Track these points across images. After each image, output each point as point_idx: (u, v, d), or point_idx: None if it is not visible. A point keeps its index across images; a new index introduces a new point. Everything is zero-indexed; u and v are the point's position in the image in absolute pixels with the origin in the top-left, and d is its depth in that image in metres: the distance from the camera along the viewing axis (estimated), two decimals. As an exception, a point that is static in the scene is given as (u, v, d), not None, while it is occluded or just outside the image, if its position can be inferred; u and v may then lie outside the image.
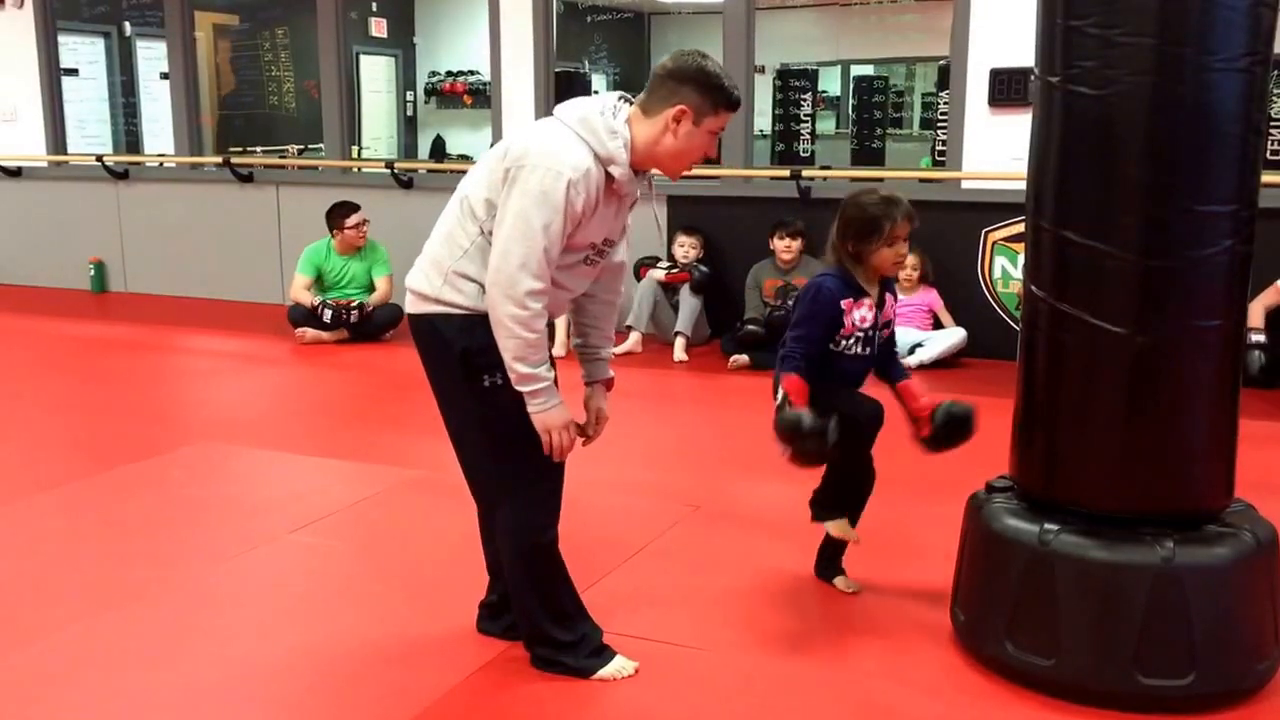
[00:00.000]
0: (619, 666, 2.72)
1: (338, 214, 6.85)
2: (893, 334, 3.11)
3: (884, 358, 3.07)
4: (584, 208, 2.43)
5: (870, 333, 2.98)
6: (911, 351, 6.00)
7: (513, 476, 2.61)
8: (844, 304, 2.93)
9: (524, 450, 2.55)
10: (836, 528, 3.14)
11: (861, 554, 3.32)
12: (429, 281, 2.56)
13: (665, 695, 2.65)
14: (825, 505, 3.14)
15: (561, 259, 2.48)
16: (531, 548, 2.64)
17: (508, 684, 2.66)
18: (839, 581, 3.21)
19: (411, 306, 2.61)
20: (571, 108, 2.53)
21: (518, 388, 2.48)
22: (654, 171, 2.62)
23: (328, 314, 6.68)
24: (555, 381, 2.54)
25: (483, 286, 2.47)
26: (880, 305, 3.00)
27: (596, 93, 2.52)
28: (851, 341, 2.96)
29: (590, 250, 2.56)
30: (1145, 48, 2.40)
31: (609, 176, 2.47)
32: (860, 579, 3.23)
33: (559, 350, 5.18)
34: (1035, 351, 2.69)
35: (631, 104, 2.54)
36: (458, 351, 2.52)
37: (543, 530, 2.63)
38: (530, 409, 2.50)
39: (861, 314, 2.95)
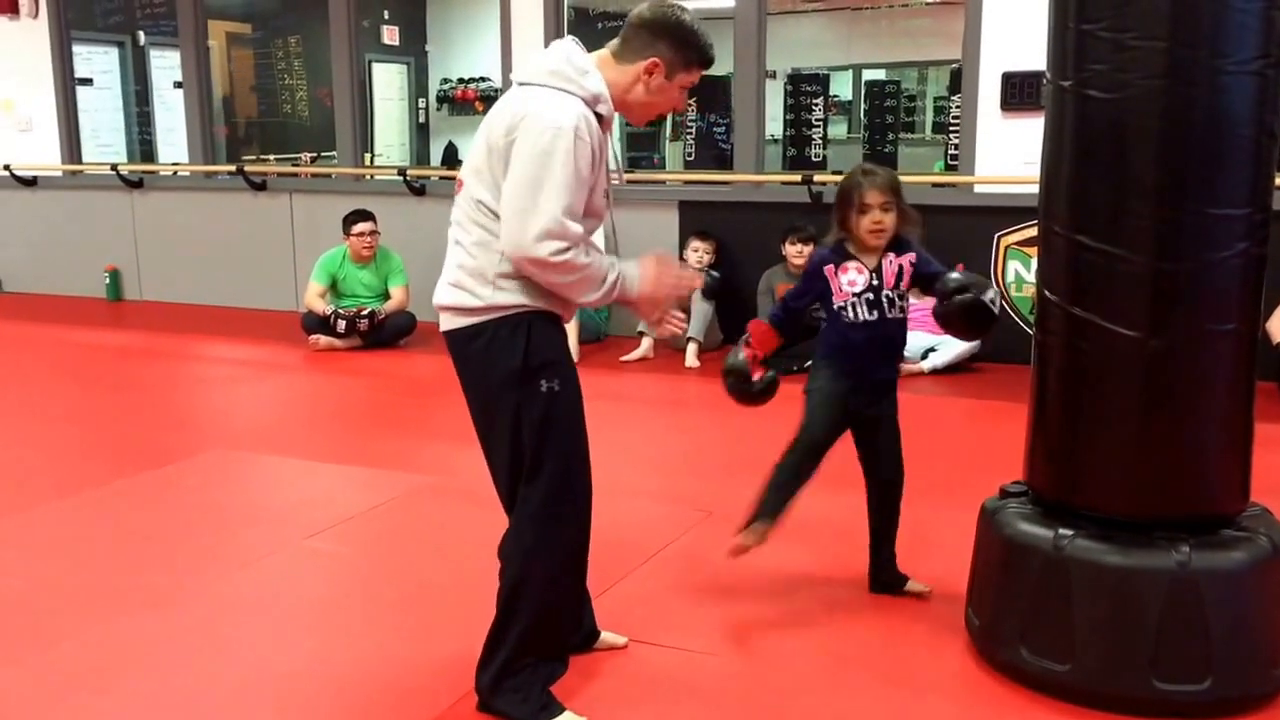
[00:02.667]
0: None
1: (348, 221, 6.89)
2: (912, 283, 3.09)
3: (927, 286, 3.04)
4: (593, 156, 2.35)
5: (874, 297, 3.00)
6: (924, 356, 6.00)
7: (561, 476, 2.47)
8: (826, 270, 3.03)
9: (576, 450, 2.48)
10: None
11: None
12: (474, 295, 2.42)
13: (677, 701, 2.65)
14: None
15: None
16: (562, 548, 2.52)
17: (522, 690, 2.65)
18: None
19: (453, 321, 2.47)
20: (530, 71, 2.45)
21: (607, 304, 2.51)
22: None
23: (341, 324, 6.71)
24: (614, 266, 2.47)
25: (525, 279, 2.39)
26: (879, 270, 3.01)
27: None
28: (849, 307, 3.00)
29: (604, 203, 2.51)
30: (1157, 51, 2.40)
31: (598, 117, 2.41)
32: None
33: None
34: (1049, 356, 2.69)
35: (581, 47, 2.49)
36: (520, 352, 2.40)
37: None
38: (631, 301, 2.50)
39: (849, 278, 3.01)
